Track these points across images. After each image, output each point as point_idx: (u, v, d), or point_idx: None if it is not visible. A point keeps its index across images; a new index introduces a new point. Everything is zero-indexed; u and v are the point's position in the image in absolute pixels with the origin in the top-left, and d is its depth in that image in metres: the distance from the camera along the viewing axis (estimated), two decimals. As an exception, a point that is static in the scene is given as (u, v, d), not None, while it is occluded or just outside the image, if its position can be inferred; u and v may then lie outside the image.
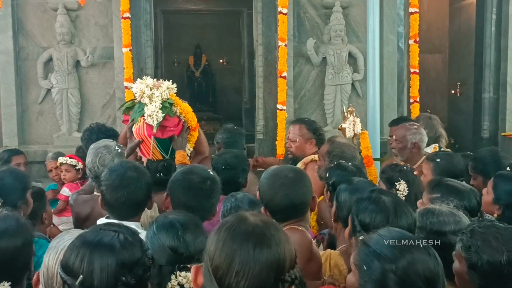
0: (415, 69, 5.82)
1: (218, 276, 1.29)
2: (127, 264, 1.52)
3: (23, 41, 5.88)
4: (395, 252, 1.57)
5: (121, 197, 2.39)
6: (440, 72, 8.75)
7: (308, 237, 2.26)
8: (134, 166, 2.53)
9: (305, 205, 2.33)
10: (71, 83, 5.78)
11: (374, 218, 2.03)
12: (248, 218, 1.35)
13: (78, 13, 5.85)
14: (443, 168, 3.15)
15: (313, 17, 6.09)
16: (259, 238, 1.30)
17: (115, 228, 1.61)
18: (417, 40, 5.80)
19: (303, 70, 6.09)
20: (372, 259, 1.58)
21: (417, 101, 5.85)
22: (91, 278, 1.48)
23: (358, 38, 6.09)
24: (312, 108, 6.11)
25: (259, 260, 1.27)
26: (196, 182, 2.47)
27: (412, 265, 1.54)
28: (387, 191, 2.27)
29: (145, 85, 3.32)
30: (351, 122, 4.20)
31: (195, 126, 3.50)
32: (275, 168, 2.46)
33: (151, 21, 6.14)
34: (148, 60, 6.04)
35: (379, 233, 1.66)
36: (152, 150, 3.39)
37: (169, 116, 3.32)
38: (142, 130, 3.33)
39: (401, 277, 1.53)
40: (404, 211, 2.05)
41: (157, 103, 3.26)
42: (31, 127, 5.93)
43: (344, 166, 2.94)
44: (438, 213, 2.13)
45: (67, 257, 1.53)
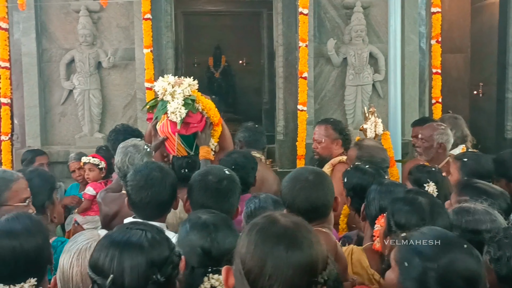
0: (437, 69, 5.75)
1: (251, 279, 1.28)
2: (156, 263, 1.53)
3: (46, 43, 5.95)
4: (437, 251, 1.57)
5: (145, 197, 2.40)
6: (462, 72, 8.65)
7: (332, 239, 2.26)
8: (159, 166, 2.53)
9: (327, 207, 2.32)
10: (93, 84, 5.84)
11: (409, 219, 2.02)
12: (279, 220, 1.34)
13: (100, 15, 5.91)
14: (470, 168, 3.11)
15: (334, 17, 6.06)
16: (291, 241, 1.29)
17: (141, 227, 1.61)
18: (439, 40, 5.72)
19: (324, 71, 6.07)
20: (413, 256, 1.58)
21: (439, 101, 5.78)
22: (122, 277, 1.49)
23: (379, 38, 6.05)
24: (332, 108, 6.09)
25: (291, 264, 1.25)
26: (212, 183, 2.45)
27: (453, 264, 1.53)
28: (424, 192, 2.25)
29: (167, 82, 3.36)
30: (373, 122, 4.17)
31: (218, 121, 3.52)
32: (295, 171, 2.45)
33: (172, 23, 6.17)
34: (169, 61, 6.08)
35: (421, 231, 1.66)
36: (177, 147, 3.42)
37: (192, 113, 3.35)
38: (166, 127, 3.37)
39: (442, 276, 1.53)
40: (440, 212, 2.04)
41: (180, 100, 3.29)
42: (54, 128, 6.01)
43: (363, 169, 2.90)
44: (474, 212, 2.11)
45: (95, 257, 1.54)
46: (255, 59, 11.45)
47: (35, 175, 2.75)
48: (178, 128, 3.31)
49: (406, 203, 2.09)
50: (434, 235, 1.63)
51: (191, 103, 3.34)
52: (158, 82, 3.41)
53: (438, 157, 3.81)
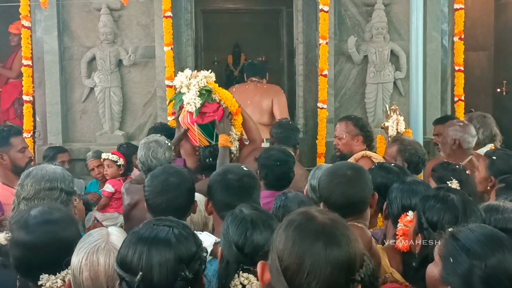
0: (459, 67, 5.66)
1: (288, 276, 1.27)
2: (184, 259, 1.53)
3: (68, 41, 6.00)
4: (486, 249, 1.55)
5: (161, 203, 2.41)
6: (485, 70, 8.52)
7: (367, 234, 2.25)
8: (176, 172, 2.53)
9: (363, 203, 2.31)
10: (114, 82, 5.87)
11: (442, 217, 1.99)
12: (317, 216, 1.33)
13: (121, 13, 5.94)
14: (498, 167, 3.07)
15: (354, 14, 6.01)
16: (330, 238, 1.28)
17: (168, 223, 1.61)
18: (462, 37, 5.64)
19: (344, 69, 6.03)
20: (460, 253, 1.57)
21: (462, 99, 5.70)
22: (151, 274, 1.49)
23: (400, 36, 5.98)
24: (353, 106, 6.04)
25: (330, 261, 1.25)
26: (234, 181, 2.43)
27: (502, 264, 1.52)
28: (454, 189, 2.21)
29: (184, 76, 3.55)
30: (394, 120, 4.12)
31: (236, 110, 3.65)
32: (334, 165, 2.47)
33: (192, 21, 6.18)
34: (189, 59, 6.08)
35: (470, 228, 1.64)
36: (198, 137, 3.60)
37: (207, 103, 3.51)
38: (186, 118, 3.56)
39: (489, 275, 1.51)
40: (473, 209, 2.01)
41: (194, 91, 3.45)
42: (75, 125, 6.06)
43: (388, 167, 2.88)
44: (503, 210, 2.09)
45: (123, 254, 1.54)
46: (274, 57, 11.41)
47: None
48: (194, 118, 3.48)
49: (438, 200, 2.05)
50: (484, 232, 1.61)
51: (206, 93, 3.50)
52: (177, 77, 3.60)
53: (454, 154, 3.76)
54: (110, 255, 1.68)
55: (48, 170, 2.41)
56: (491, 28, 8.28)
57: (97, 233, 1.78)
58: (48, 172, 2.40)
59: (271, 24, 11.18)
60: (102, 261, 1.67)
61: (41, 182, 2.35)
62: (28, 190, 2.34)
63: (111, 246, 1.71)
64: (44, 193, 2.34)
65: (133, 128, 6.03)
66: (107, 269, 1.67)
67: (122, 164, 4.49)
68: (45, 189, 2.34)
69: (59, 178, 2.38)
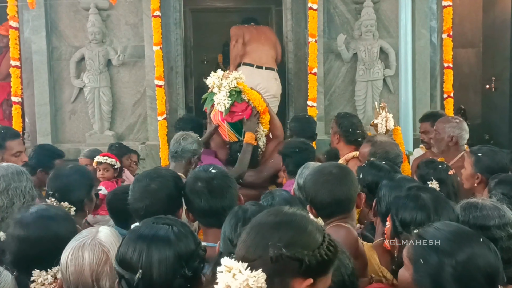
0: (448, 64, 5.69)
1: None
2: (184, 257, 1.55)
3: (56, 41, 5.97)
4: (454, 246, 1.52)
5: (140, 209, 2.34)
6: (474, 66, 8.57)
7: (353, 234, 2.23)
8: (160, 177, 2.42)
9: (350, 201, 2.31)
10: (103, 82, 5.85)
11: (415, 217, 1.97)
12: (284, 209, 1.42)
13: (109, 12, 5.92)
14: (485, 164, 3.06)
15: (343, 12, 6.02)
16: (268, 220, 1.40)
17: (167, 221, 1.63)
18: (451, 34, 5.67)
19: (333, 66, 6.04)
20: (429, 253, 1.54)
21: (451, 96, 5.72)
22: (150, 272, 1.51)
23: (389, 33, 6.00)
24: (342, 104, 6.05)
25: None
26: (203, 188, 2.32)
27: (473, 259, 1.50)
28: (426, 187, 2.21)
29: (216, 76, 3.84)
30: (384, 118, 4.14)
31: (264, 110, 3.96)
32: (320, 165, 2.48)
33: (181, 20, 6.16)
34: (178, 58, 6.07)
35: (436, 226, 1.62)
36: (228, 133, 3.94)
37: (237, 103, 3.82)
38: (217, 116, 3.87)
39: (461, 272, 1.49)
40: (445, 207, 1.99)
41: (225, 92, 3.76)
42: (64, 126, 6.03)
43: (379, 165, 2.87)
44: (482, 207, 2.06)
45: (123, 251, 1.55)
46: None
47: (74, 172, 2.78)
48: (224, 116, 3.81)
49: (409, 200, 2.03)
50: (450, 230, 1.59)
51: (235, 94, 3.80)
52: (210, 77, 3.90)
53: (449, 150, 3.76)
54: (95, 251, 1.69)
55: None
56: (479, 25, 8.33)
57: (87, 231, 1.79)
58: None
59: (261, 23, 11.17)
60: (87, 256, 1.67)
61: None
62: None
63: (97, 242, 1.71)
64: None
65: (123, 128, 6.01)
66: (91, 264, 1.67)
67: (119, 167, 4.44)
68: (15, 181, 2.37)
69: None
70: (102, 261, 1.68)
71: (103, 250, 1.69)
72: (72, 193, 2.65)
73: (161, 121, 5.53)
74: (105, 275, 1.67)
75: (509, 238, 2.00)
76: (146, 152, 5.74)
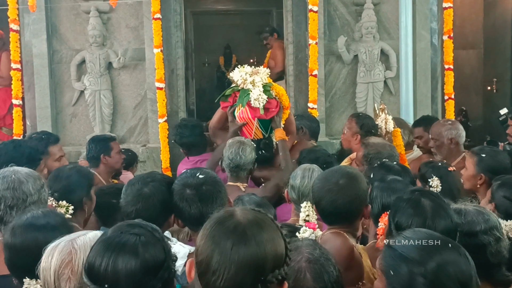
0: (449, 65, 5.68)
1: (199, 272, 1.28)
2: (151, 269, 1.50)
3: (57, 44, 5.97)
4: (423, 254, 1.48)
5: (131, 213, 2.28)
6: (475, 68, 8.56)
7: (348, 244, 2.18)
8: (153, 181, 2.35)
9: (351, 214, 2.26)
10: (104, 85, 5.85)
11: (410, 222, 1.93)
12: (235, 216, 1.33)
13: (110, 15, 5.92)
14: (487, 164, 3.06)
15: (344, 14, 6.01)
16: (239, 237, 1.27)
17: (136, 230, 1.57)
18: (451, 36, 5.66)
19: (334, 68, 6.03)
20: (398, 263, 1.50)
21: (452, 98, 5.72)
22: (117, 286, 1.46)
23: (390, 35, 5.99)
24: (343, 106, 6.04)
25: (235, 260, 1.24)
26: (192, 195, 2.25)
27: (443, 267, 1.45)
28: (430, 192, 2.16)
29: (245, 72, 3.71)
30: (383, 119, 4.13)
31: (288, 105, 3.87)
32: (329, 171, 2.42)
33: (182, 22, 6.16)
34: (179, 61, 6.06)
35: (404, 235, 1.58)
36: (255, 131, 3.77)
37: (269, 98, 3.70)
38: (245, 113, 3.70)
39: (432, 281, 1.44)
40: (443, 215, 1.94)
41: (260, 88, 3.64)
42: (65, 129, 6.03)
43: (389, 165, 2.87)
44: (466, 213, 2.03)
45: (90, 262, 1.50)
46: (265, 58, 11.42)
47: (74, 172, 2.79)
48: (261, 113, 3.66)
49: (408, 204, 1.99)
50: (418, 237, 1.55)
51: (269, 89, 3.72)
52: (236, 72, 3.76)
53: (451, 153, 3.76)
54: (62, 252, 1.65)
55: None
56: (480, 26, 8.33)
57: (79, 232, 1.77)
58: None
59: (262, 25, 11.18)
60: (55, 256, 1.64)
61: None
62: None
63: (70, 244, 1.66)
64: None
65: (124, 131, 6.00)
66: (55, 264, 1.63)
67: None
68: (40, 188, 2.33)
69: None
70: (64, 263, 1.63)
71: (70, 252, 1.64)
72: (72, 193, 2.66)
73: (162, 123, 5.53)
74: (66, 279, 1.62)
75: (496, 241, 1.97)
76: (147, 155, 5.74)
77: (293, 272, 1.59)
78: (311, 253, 1.68)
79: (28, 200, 2.23)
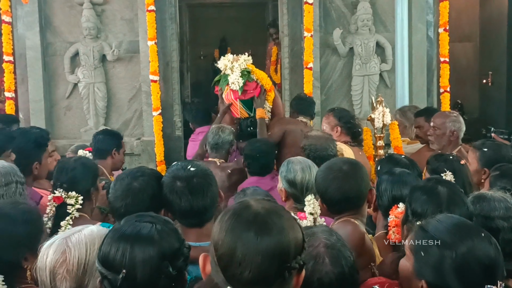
0: (445, 58, 5.67)
1: (222, 265, 1.28)
2: (168, 256, 1.51)
3: (50, 37, 5.92)
4: (455, 238, 1.55)
5: (120, 208, 2.23)
6: (471, 61, 8.55)
7: (360, 231, 2.22)
8: (143, 175, 2.30)
9: (360, 198, 2.29)
10: (98, 78, 5.81)
11: (426, 209, 1.98)
12: (252, 206, 1.34)
13: (104, 7, 5.87)
14: (490, 158, 3.05)
15: (340, 7, 5.99)
16: (261, 227, 1.28)
17: (149, 219, 1.59)
18: (447, 29, 5.64)
19: (330, 61, 6.01)
20: (430, 245, 1.56)
21: (447, 90, 5.71)
22: (134, 272, 1.48)
23: (386, 28, 5.97)
24: (339, 99, 6.03)
25: (261, 250, 1.25)
26: (183, 188, 2.19)
27: (472, 252, 1.51)
28: (445, 181, 2.21)
29: (227, 60, 4.22)
30: (380, 112, 4.11)
31: (270, 88, 4.34)
32: (330, 161, 2.45)
33: (176, 15, 6.12)
34: (174, 53, 6.03)
35: (438, 219, 1.64)
36: (240, 110, 4.29)
37: (248, 82, 4.20)
38: (229, 95, 4.23)
39: (460, 264, 1.51)
40: (459, 203, 2.00)
41: (237, 73, 4.14)
42: (59, 122, 5.99)
43: (397, 158, 2.87)
44: (490, 198, 2.10)
45: (105, 251, 1.52)
46: (261, 51, 11.36)
47: (79, 164, 2.81)
48: (239, 95, 4.17)
49: (425, 192, 2.05)
50: (452, 222, 1.61)
51: (247, 74, 4.20)
52: (221, 60, 4.28)
53: (449, 145, 3.77)
54: (56, 251, 1.63)
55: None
56: (476, 19, 8.32)
57: (76, 228, 1.75)
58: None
59: (257, 18, 11.14)
60: (50, 254, 1.63)
61: None
62: None
63: (64, 242, 1.65)
64: (2, 190, 2.32)
65: (119, 123, 5.97)
66: (50, 263, 1.62)
67: None
68: (2, 186, 2.30)
69: (11, 171, 2.37)
70: (59, 263, 1.62)
71: (64, 251, 1.62)
72: (79, 184, 2.69)
73: (156, 116, 5.50)
74: (62, 278, 1.61)
75: (511, 230, 2.02)
76: (142, 148, 5.71)
77: (311, 257, 1.61)
78: (328, 239, 1.69)
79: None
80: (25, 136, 3.22)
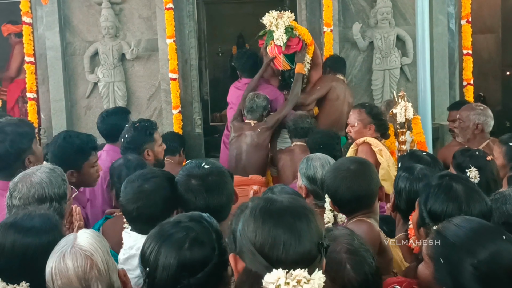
0: (468, 50, 5.57)
1: (265, 253, 1.30)
2: (188, 266, 1.51)
3: (70, 37, 5.95)
4: (476, 244, 1.45)
5: (132, 211, 2.19)
6: (493, 53, 8.39)
7: (376, 230, 2.18)
8: (154, 177, 2.26)
9: (370, 196, 2.24)
10: (117, 77, 5.83)
11: (445, 208, 1.86)
12: (277, 199, 1.40)
13: (122, 6, 5.88)
14: None
15: (359, 0, 5.92)
16: (294, 211, 1.35)
17: (191, 224, 1.60)
18: (469, 20, 5.54)
19: (350, 56, 5.94)
20: (449, 252, 1.47)
21: (471, 83, 5.61)
22: (155, 273, 1.52)
23: (406, 21, 5.88)
24: (359, 94, 5.96)
25: (299, 229, 1.31)
26: (198, 186, 2.16)
27: (496, 257, 1.42)
28: (458, 176, 2.09)
29: (272, 17, 4.62)
30: (403, 107, 4.04)
31: (311, 42, 4.75)
32: (337, 161, 2.42)
33: (194, 12, 6.10)
34: (192, 51, 6.02)
35: (456, 223, 1.54)
36: (283, 63, 4.72)
37: (291, 38, 4.61)
38: (274, 49, 4.67)
39: (484, 271, 1.41)
40: (477, 199, 1.88)
41: (282, 29, 4.56)
42: (80, 121, 6.03)
43: (419, 155, 2.78)
44: (510, 198, 2.01)
45: (145, 244, 1.59)
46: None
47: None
48: (283, 50, 4.60)
49: (441, 190, 1.91)
50: (471, 226, 1.51)
51: (291, 30, 4.59)
52: (265, 17, 4.66)
53: (474, 138, 3.70)
54: (77, 258, 1.59)
55: (33, 181, 2.22)
56: (498, 10, 8.16)
57: (65, 239, 1.68)
58: (34, 183, 2.22)
59: (275, 13, 11.07)
60: (71, 265, 1.58)
61: (28, 197, 2.19)
62: (17, 204, 2.19)
63: (78, 249, 1.61)
64: (34, 206, 2.22)
65: (138, 122, 5.97)
66: (77, 272, 1.58)
67: None
68: (34, 203, 2.18)
69: (45, 186, 2.22)
70: (88, 267, 1.58)
71: (85, 256, 1.59)
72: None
73: (176, 114, 5.51)
74: (95, 280, 1.58)
75: None
76: (162, 146, 5.71)
77: (334, 264, 1.56)
78: (350, 244, 1.64)
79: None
80: (68, 141, 3.02)
